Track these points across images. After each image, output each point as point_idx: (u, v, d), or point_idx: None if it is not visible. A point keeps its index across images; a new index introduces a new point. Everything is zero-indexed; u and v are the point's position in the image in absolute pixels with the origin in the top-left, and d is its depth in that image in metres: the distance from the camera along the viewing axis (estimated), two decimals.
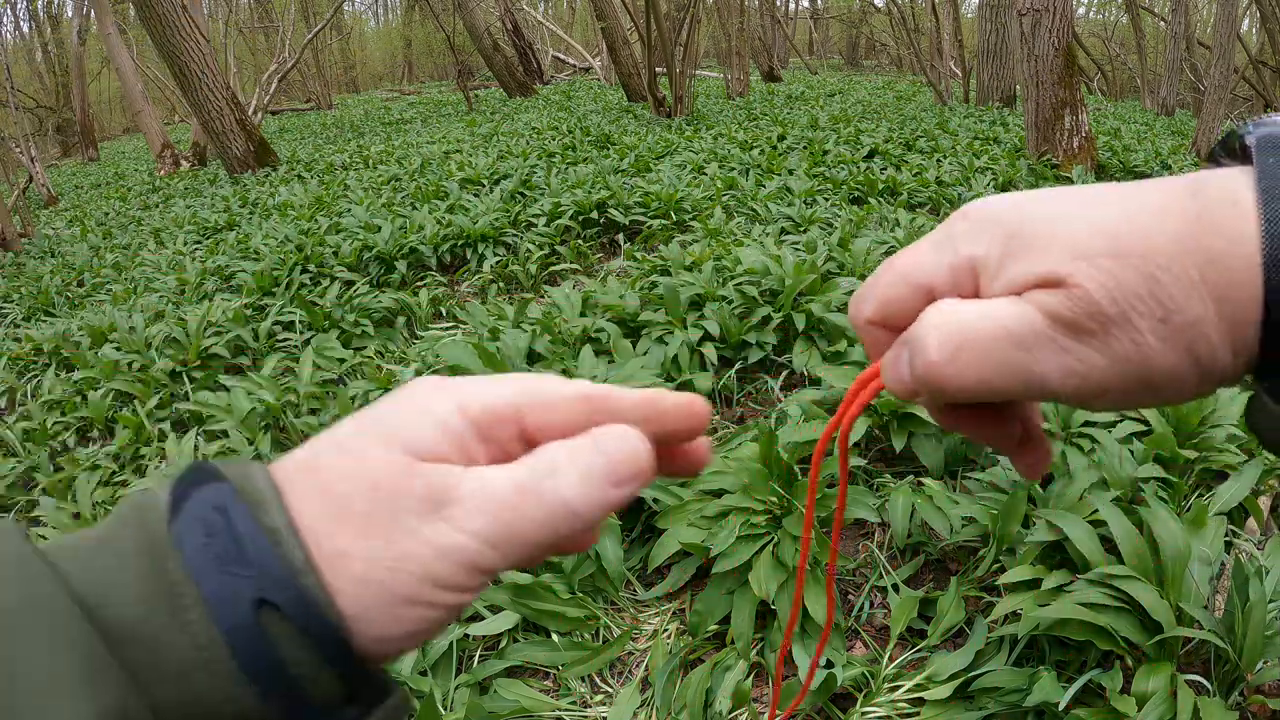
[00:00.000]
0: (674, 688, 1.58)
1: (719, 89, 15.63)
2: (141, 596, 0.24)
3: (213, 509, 0.25)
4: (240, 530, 0.25)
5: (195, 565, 0.24)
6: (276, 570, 0.25)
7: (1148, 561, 1.58)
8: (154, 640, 0.24)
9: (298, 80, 25.79)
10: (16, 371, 3.52)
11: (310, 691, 0.25)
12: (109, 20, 12.30)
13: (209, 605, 0.24)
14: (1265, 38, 13.68)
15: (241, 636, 0.24)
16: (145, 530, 0.25)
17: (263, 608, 0.24)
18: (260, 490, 0.26)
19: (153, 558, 0.25)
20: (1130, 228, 0.26)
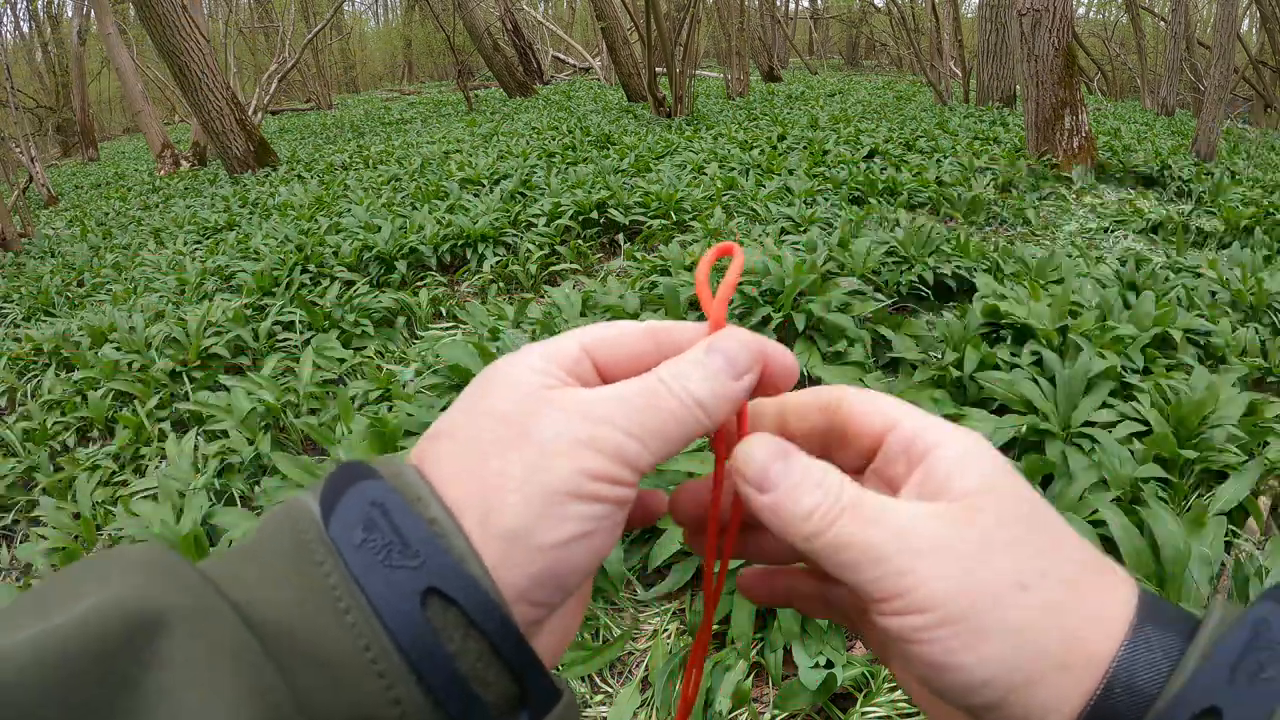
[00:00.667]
0: (674, 688, 1.58)
1: (719, 89, 15.63)
2: (298, 600, 0.23)
3: (370, 504, 0.25)
4: (400, 523, 0.24)
5: (355, 563, 0.24)
6: (442, 558, 0.24)
7: (1148, 561, 1.58)
8: (313, 645, 0.22)
9: (298, 80, 25.79)
10: (16, 371, 3.52)
11: (481, 692, 0.24)
12: (109, 20, 12.30)
13: (372, 600, 0.23)
14: (1265, 38, 13.68)
15: (408, 630, 0.23)
16: (297, 534, 0.24)
17: (429, 598, 0.23)
18: (414, 484, 0.26)
19: (307, 560, 0.24)
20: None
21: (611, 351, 0.30)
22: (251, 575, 0.23)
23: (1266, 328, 3.00)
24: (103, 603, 0.20)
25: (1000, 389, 2.30)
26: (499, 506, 0.25)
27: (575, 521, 0.26)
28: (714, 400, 0.29)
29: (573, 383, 0.29)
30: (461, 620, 0.24)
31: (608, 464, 0.26)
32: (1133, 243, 4.34)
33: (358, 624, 0.23)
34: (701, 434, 0.29)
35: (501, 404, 0.27)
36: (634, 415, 0.27)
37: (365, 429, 2.27)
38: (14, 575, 2.37)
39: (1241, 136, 9.67)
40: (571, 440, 0.26)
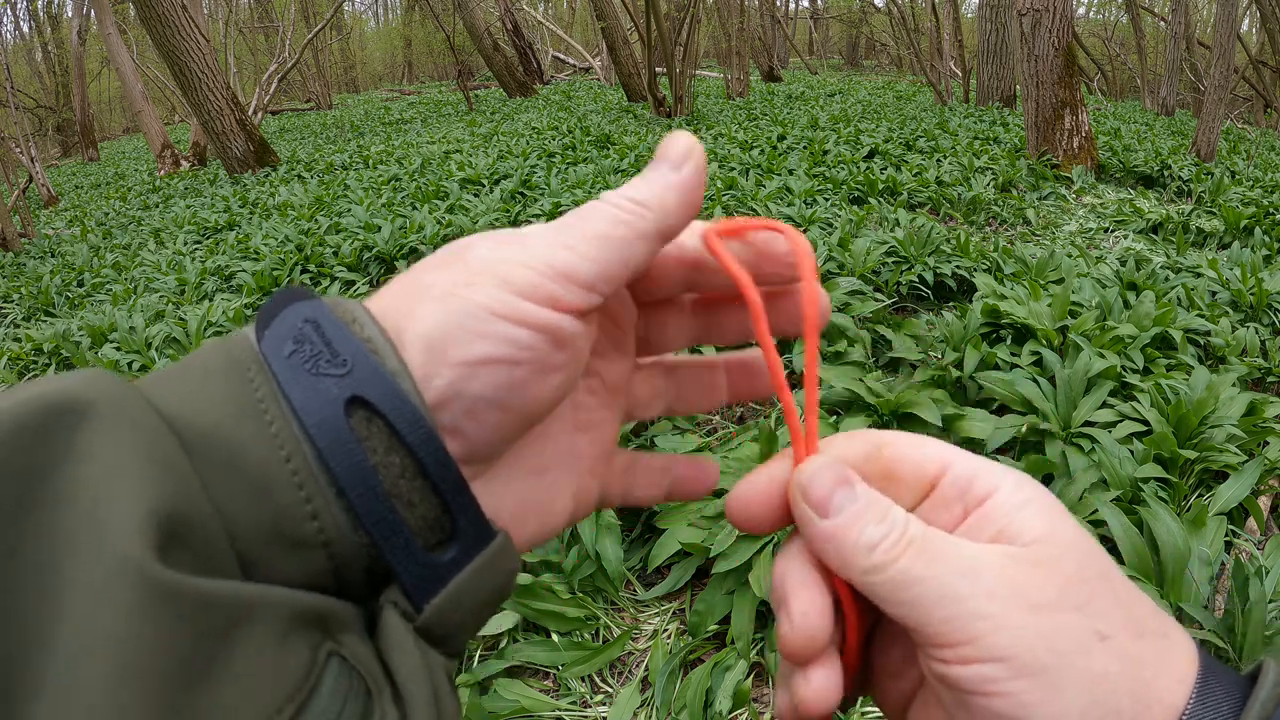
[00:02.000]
0: (674, 688, 1.58)
1: (719, 89, 15.63)
2: (219, 406, 0.22)
3: (304, 321, 0.24)
4: (331, 335, 0.23)
5: (281, 372, 0.23)
6: (370, 368, 0.23)
7: (1148, 561, 1.58)
8: (232, 449, 0.21)
9: (298, 80, 25.80)
10: (17, 371, 3.52)
11: (404, 514, 0.23)
12: (109, 20, 12.30)
13: (295, 406, 0.22)
14: (1265, 38, 13.68)
15: (328, 436, 0.22)
16: (229, 353, 0.24)
17: (353, 407, 0.22)
18: (351, 309, 0.25)
19: (236, 375, 0.23)
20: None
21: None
22: (180, 388, 0.23)
23: (1266, 328, 3.00)
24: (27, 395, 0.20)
25: (1000, 389, 2.30)
26: (416, 311, 0.24)
27: (492, 341, 0.24)
28: (653, 192, 0.27)
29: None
30: (386, 431, 0.23)
31: (537, 278, 0.25)
32: (1133, 243, 4.34)
33: (280, 433, 0.22)
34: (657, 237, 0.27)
35: (453, 245, 0.27)
36: (565, 230, 0.26)
37: None
38: None
39: (1242, 136, 9.67)
40: (500, 259, 0.25)
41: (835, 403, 2.34)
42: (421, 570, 0.23)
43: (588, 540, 1.82)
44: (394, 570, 0.23)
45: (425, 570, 0.23)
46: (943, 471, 0.29)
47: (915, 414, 2.12)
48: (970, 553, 0.26)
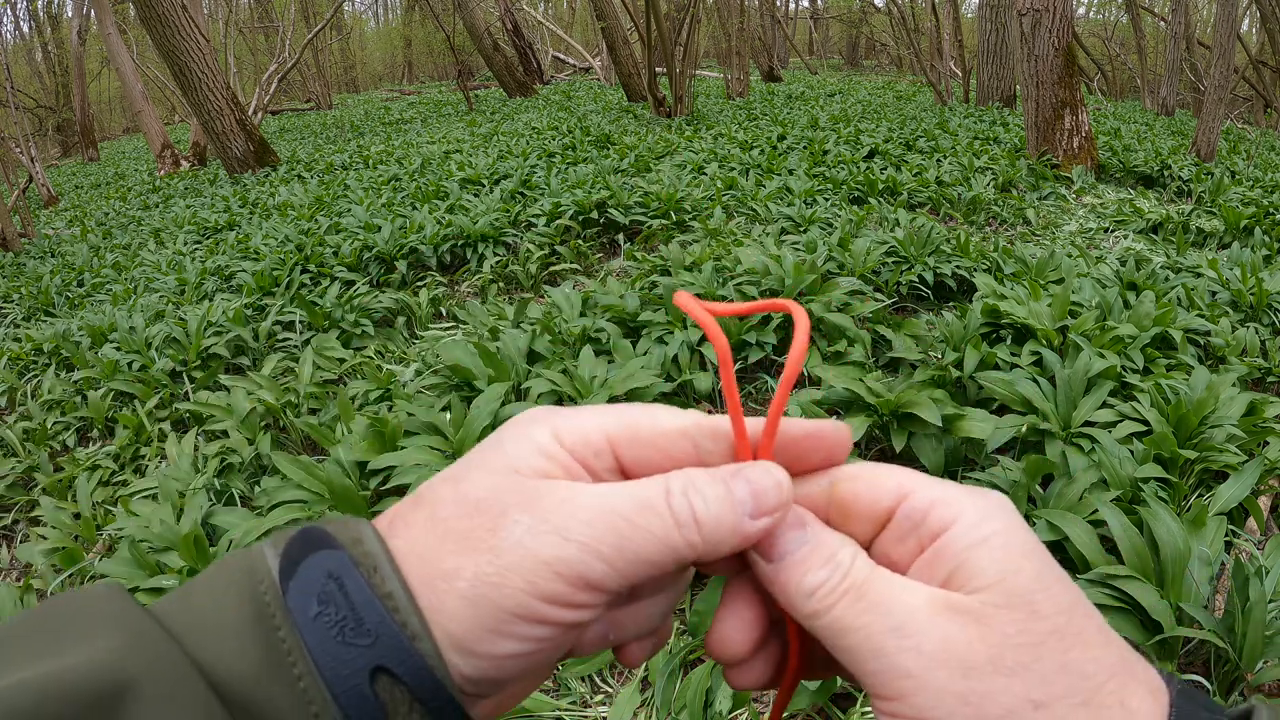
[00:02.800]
0: (674, 688, 1.58)
1: (719, 89, 15.62)
2: (255, 667, 0.24)
3: (327, 576, 0.25)
4: (356, 600, 0.25)
5: (309, 635, 0.24)
6: (393, 637, 0.24)
7: (1148, 561, 1.58)
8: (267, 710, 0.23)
9: (298, 80, 25.79)
10: (16, 371, 3.52)
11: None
12: (109, 20, 12.30)
13: (323, 673, 0.24)
14: (1265, 38, 13.68)
15: (356, 703, 0.24)
16: (255, 597, 0.25)
17: (378, 674, 0.24)
18: (373, 554, 0.26)
19: (264, 627, 0.24)
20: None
21: (641, 452, 0.28)
22: (211, 632, 0.24)
23: (1266, 328, 3.00)
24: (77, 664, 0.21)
25: (1000, 389, 2.30)
26: (444, 606, 0.25)
27: (516, 641, 0.25)
28: (716, 527, 0.26)
29: (578, 471, 0.27)
30: (408, 696, 0.24)
31: (564, 589, 0.25)
32: (1133, 243, 4.33)
33: (308, 690, 0.24)
34: (688, 560, 0.27)
35: (483, 487, 0.26)
36: (612, 534, 0.25)
37: (365, 429, 2.27)
38: (14, 575, 2.37)
39: (1242, 136, 9.67)
40: (532, 557, 0.25)
41: (835, 403, 2.34)
42: None
43: None
44: None
45: None
46: (898, 501, 0.28)
47: (915, 414, 2.11)
48: (907, 602, 0.26)
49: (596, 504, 0.26)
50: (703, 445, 0.29)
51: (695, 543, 0.26)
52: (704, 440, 0.29)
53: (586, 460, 0.28)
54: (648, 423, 0.29)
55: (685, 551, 0.26)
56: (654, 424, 0.29)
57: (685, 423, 0.29)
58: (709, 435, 0.29)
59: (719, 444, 0.29)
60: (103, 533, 2.33)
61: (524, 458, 0.27)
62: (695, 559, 0.27)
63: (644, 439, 0.28)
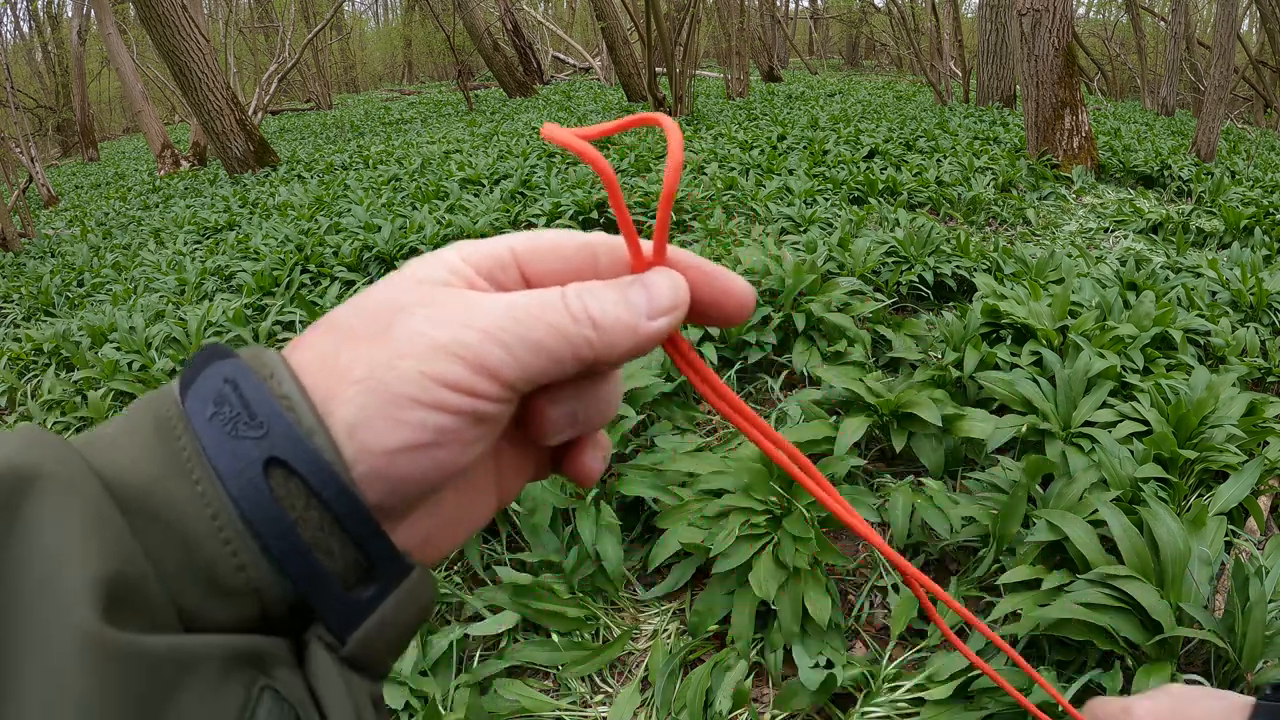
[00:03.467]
0: (674, 688, 1.58)
1: (719, 89, 15.62)
2: (150, 467, 0.24)
3: (223, 381, 0.25)
4: (250, 397, 0.24)
5: (204, 434, 0.24)
6: (285, 429, 0.24)
7: (1148, 561, 1.58)
8: (166, 511, 0.23)
9: (298, 80, 25.79)
10: (17, 371, 3.52)
11: (324, 562, 0.24)
12: (109, 20, 12.30)
13: (219, 470, 0.23)
14: (1265, 38, 13.68)
15: (250, 496, 0.23)
16: (156, 413, 0.25)
17: (271, 468, 0.24)
18: (270, 363, 0.26)
19: (163, 434, 0.24)
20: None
21: (544, 262, 0.29)
22: (112, 445, 0.24)
23: (1266, 328, 3.00)
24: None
25: (1000, 389, 2.30)
26: (338, 395, 0.25)
27: (413, 429, 0.24)
28: (612, 325, 0.27)
29: (482, 285, 0.28)
30: (303, 489, 0.24)
31: (462, 372, 0.25)
32: (1133, 243, 4.33)
33: (206, 493, 0.23)
34: (588, 358, 0.26)
35: (383, 294, 0.27)
36: (511, 322, 0.25)
37: None
38: None
39: (1242, 136, 9.67)
40: (427, 341, 0.25)
41: (835, 402, 2.34)
42: (343, 608, 0.25)
43: (587, 540, 1.82)
44: (318, 611, 0.24)
45: (347, 608, 0.25)
46: None
47: (915, 414, 2.11)
48: None
49: (496, 300, 0.26)
50: (602, 259, 0.29)
51: (592, 338, 0.26)
52: (603, 254, 0.29)
53: (492, 273, 0.28)
54: (549, 236, 0.29)
55: (583, 348, 0.26)
56: (557, 238, 0.29)
57: (587, 237, 0.29)
58: (608, 249, 0.29)
59: (619, 259, 0.29)
60: None
61: (429, 271, 0.27)
62: (594, 357, 0.27)
63: (546, 250, 0.29)
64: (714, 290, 0.30)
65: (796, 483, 1.82)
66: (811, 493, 0.34)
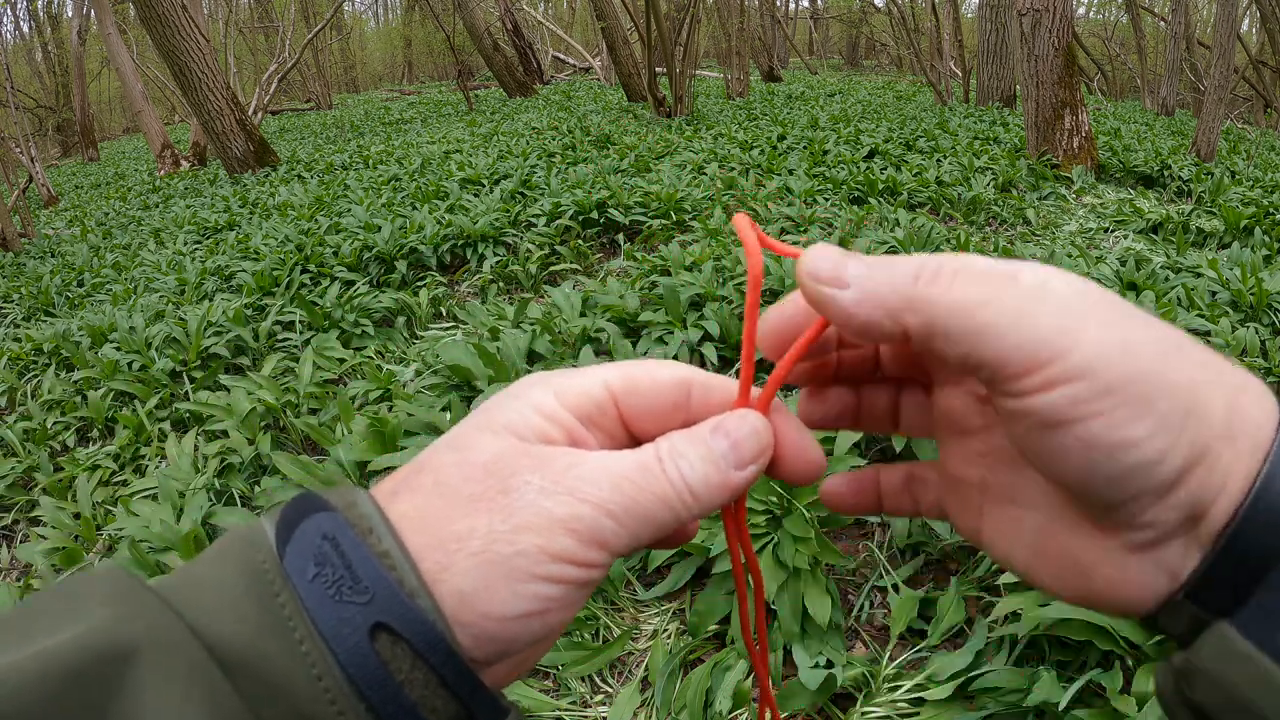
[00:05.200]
0: (674, 688, 1.58)
1: (719, 89, 15.62)
2: (254, 630, 0.24)
3: (322, 538, 0.25)
4: (352, 558, 0.25)
5: (307, 596, 0.24)
6: (390, 593, 0.24)
7: None
8: (269, 672, 0.23)
9: (298, 80, 25.79)
10: (16, 371, 3.52)
11: (428, 717, 0.24)
12: (109, 20, 12.29)
13: (324, 633, 0.24)
14: (1265, 38, 13.68)
15: (357, 661, 0.24)
16: (253, 565, 0.25)
17: (377, 632, 0.24)
18: (368, 516, 0.26)
19: (262, 592, 0.24)
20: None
21: (640, 401, 0.29)
22: (211, 602, 0.24)
23: (1266, 328, 3.00)
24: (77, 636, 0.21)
25: None
26: (454, 565, 0.25)
27: (529, 600, 0.25)
28: (706, 489, 0.27)
29: (580, 432, 0.28)
30: (409, 653, 0.24)
31: (577, 546, 0.25)
32: (1133, 243, 4.33)
33: (311, 654, 0.23)
34: (686, 519, 0.28)
35: (487, 451, 0.27)
36: (619, 495, 0.26)
37: (365, 429, 2.27)
38: (14, 575, 2.37)
39: (1242, 136, 9.67)
40: (545, 515, 0.25)
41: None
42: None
43: None
44: None
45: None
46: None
47: None
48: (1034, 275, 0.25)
49: (602, 466, 0.27)
50: (695, 395, 0.30)
51: (690, 503, 0.27)
52: (697, 391, 0.30)
53: (588, 413, 0.28)
54: (644, 373, 0.30)
55: (683, 512, 0.27)
56: (652, 376, 0.30)
57: (682, 373, 0.30)
58: (702, 386, 0.30)
59: (711, 399, 0.30)
60: (103, 533, 2.33)
61: (525, 421, 0.27)
62: (693, 518, 0.28)
63: (644, 389, 0.29)
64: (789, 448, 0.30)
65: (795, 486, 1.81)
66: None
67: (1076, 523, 0.26)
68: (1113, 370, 0.22)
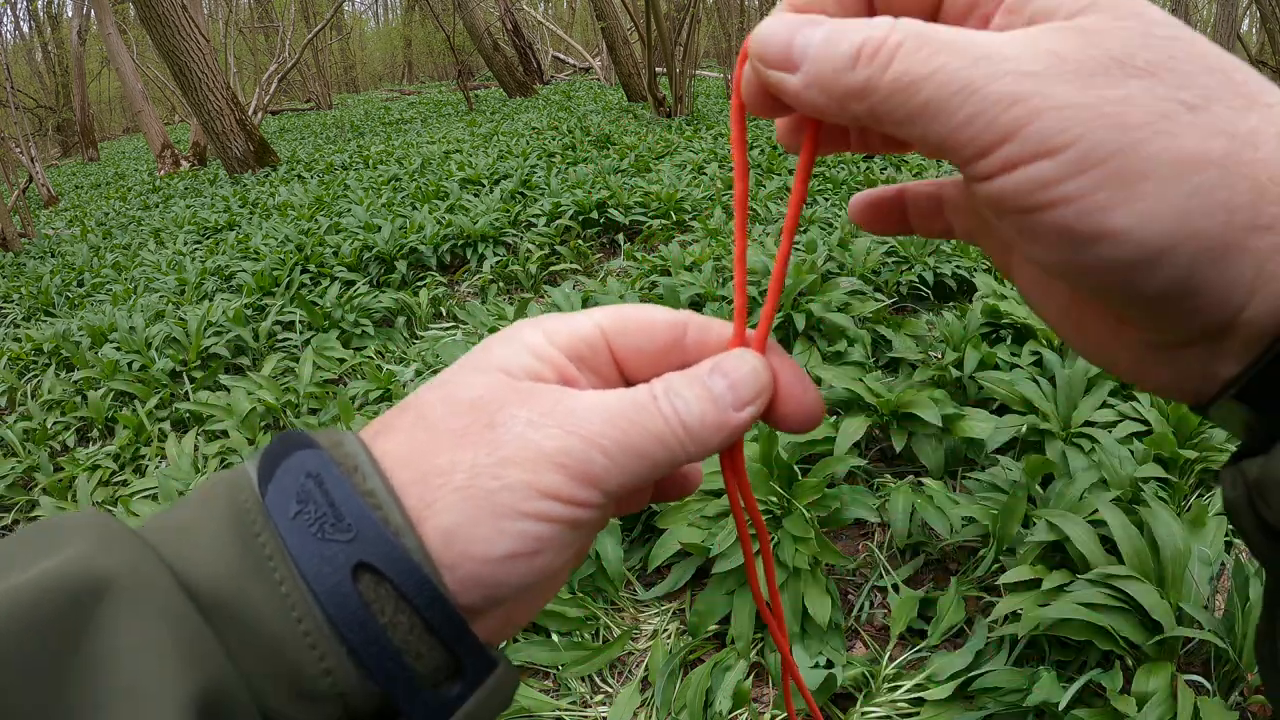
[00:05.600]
0: (674, 688, 1.58)
1: (719, 89, 15.62)
2: (233, 569, 0.23)
3: (305, 476, 0.24)
4: (335, 495, 0.24)
5: (288, 534, 0.23)
6: (375, 532, 0.23)
7: (1148, 561, 1.58)
8: (248, 613, 0.22)
9: (298, 80, 25.79)
10: (17, 371, 3.52)
11: (413, 665, 0.23)
12: (109, 20, 12.30)
13: (304, 573, 0.23)
14: (1265, 38, 13.68)
15: (338, 602, 0.23)
16: (234, 504, 0.24)
17: (360, 572, 0.23)
18: (353, 454, 0.25)
19: (243, 530, 0.23)
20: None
21: (633, 340, 0.28)
22: (190, 541, 0.23)
23: None
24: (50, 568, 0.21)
25: (1000, 389, 2.30)
26: (437, 500, 0.24)
27: (515, 539, 0.24)
28: (703, 427, 0.26)
29: (571, 371, 0.27)
30: (393, 593, 0.23)
31: (566, 482, 0.24)
32: None
33: (291, 595, 0.23)
34: (686, 462, 0.27)
35: (476, 388, 0.26)
36: (612, 428, 0.25)
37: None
38: None
39: None
40: (533, 449, 0.24)
41: (835, 402, 2.34)
42: (430, 708, 0.24)
43: None
44: (404, 712, 0.24)
45: (433, 707, 0.24)
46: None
47: (915, 414, 2.11)
48: (985, 39, 0.20)
49: (595, 401, 0.25)
50: (690, 336, 0.29)
51: (685, 441, 0.26)
52: (692, 332, 0.29)
53: (580, 353, 0.27)
54: (638, 313, 0.28)
55: (679, 452, 0.26)
56: (646, 316, 0.28)
57: (677, 315, 0.29)
58: (698, 327, 0.29)
59: (706, 339, 0.29)
60: None
61: (514, 359, 0.26)
62: (689, 459, 0.26)
63: (635, 329, 0.28)
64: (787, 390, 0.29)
65: (796, 484, 1.80)
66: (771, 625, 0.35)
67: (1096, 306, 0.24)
68: (1083, 144, 0.18)
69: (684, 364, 0.28)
